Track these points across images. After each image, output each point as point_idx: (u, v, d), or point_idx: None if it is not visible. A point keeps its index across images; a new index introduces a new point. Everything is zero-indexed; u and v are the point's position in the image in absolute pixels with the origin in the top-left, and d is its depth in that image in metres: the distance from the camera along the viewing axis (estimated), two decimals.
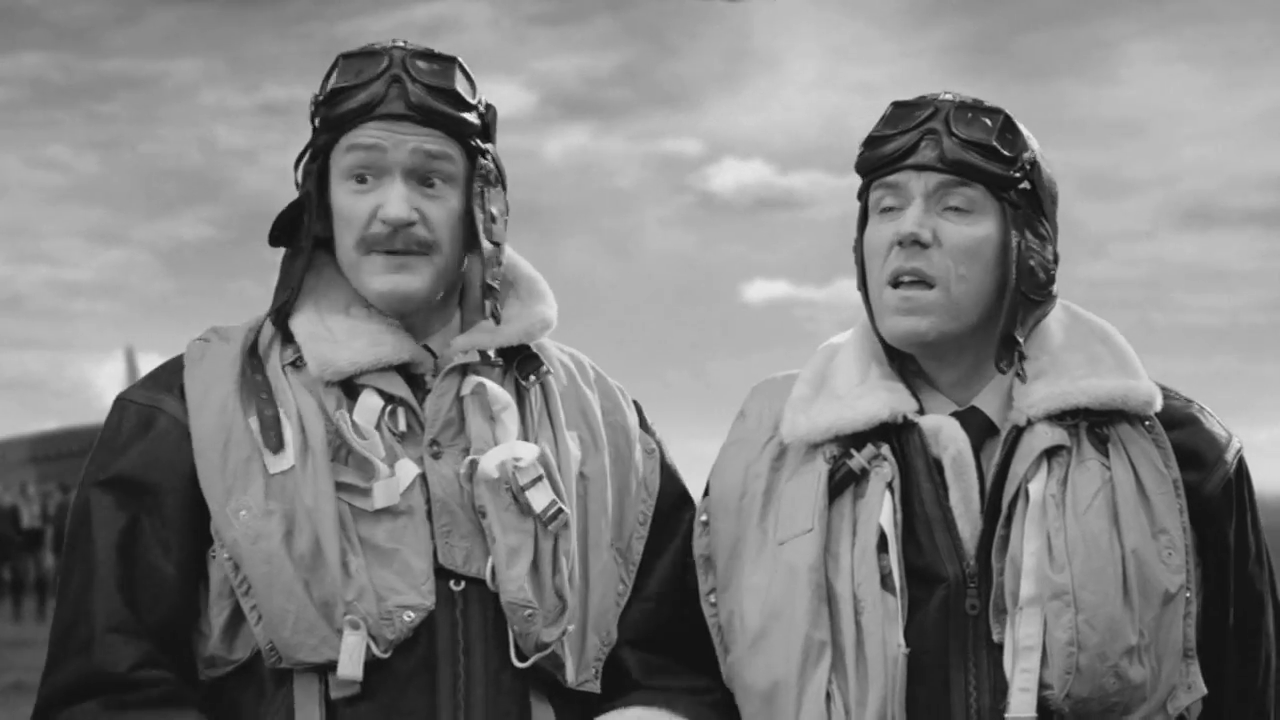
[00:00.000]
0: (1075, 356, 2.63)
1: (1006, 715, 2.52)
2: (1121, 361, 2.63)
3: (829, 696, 2.56)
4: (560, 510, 2.59)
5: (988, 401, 2.64)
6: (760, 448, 2.70)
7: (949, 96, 2.63)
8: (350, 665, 2.49)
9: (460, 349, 2.64)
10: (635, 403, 2.82)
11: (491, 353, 2.65)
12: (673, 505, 2.77)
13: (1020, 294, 2.59)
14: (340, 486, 2.53)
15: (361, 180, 2.58)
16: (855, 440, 2.63)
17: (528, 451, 2.60)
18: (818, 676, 2.57)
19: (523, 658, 2.58)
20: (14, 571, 26.87)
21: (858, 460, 2.61)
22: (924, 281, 2.59)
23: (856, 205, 2.69)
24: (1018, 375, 2.61)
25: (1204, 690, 2.59)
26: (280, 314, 2.62)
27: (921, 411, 2.64)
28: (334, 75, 2.60)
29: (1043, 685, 2.51)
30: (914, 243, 2.58)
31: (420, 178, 2.59)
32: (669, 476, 2.79)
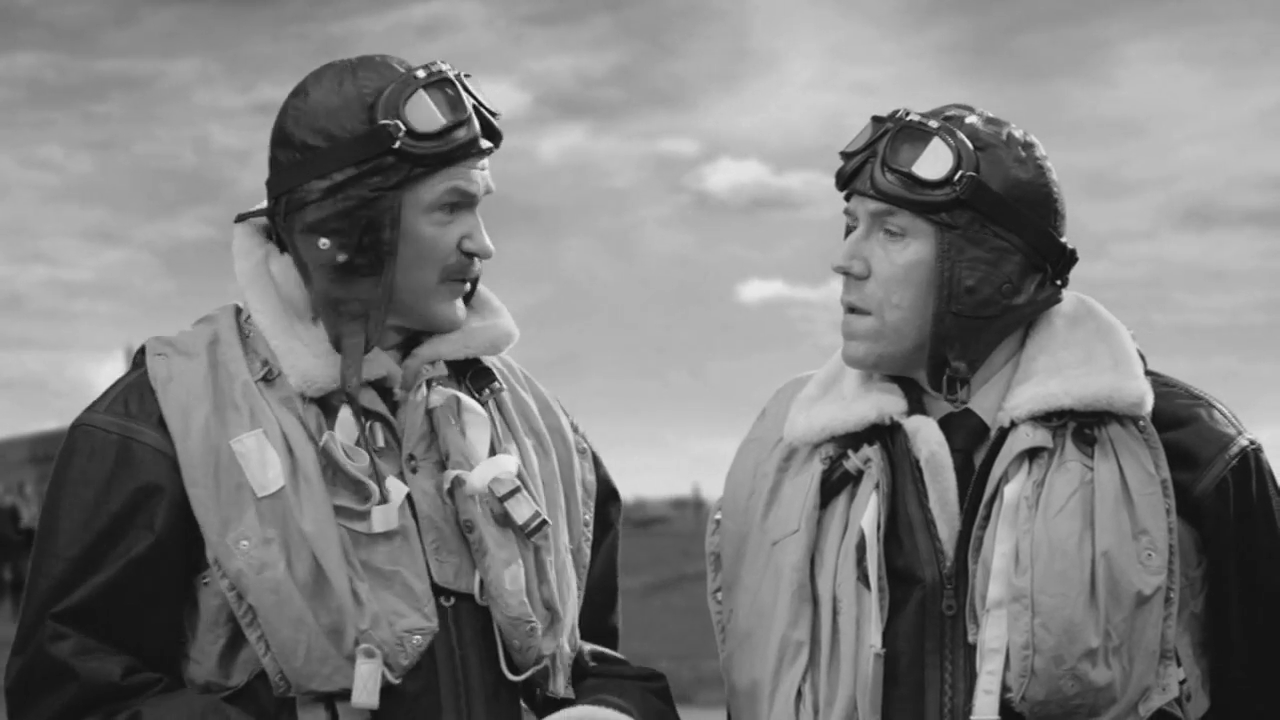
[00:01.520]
0: (1073, 355, 2.62)
1: (971, 717, 2.53)
2: (1118, 361, 2.62)
3: (799, 696, 2.58)
4: (544, 521, 2.60)
5: (982, 403, 2.64)
6: (771, 447, 2.73)
7: (903, 113, 2.64)
8: (366, 694, 2.47)
9: (425, 359, 2.62)
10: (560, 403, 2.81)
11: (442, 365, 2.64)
12: (602, 501, 2.79)
13: (953, 316, 2.59)
14: (337, 510, 2.50)
15: (447, 210, 2.56)
16: (853, 441, 2.64)
17: (512, 465, 2.60)
18: (791, 676, 2.59)
19: (515, 671, 2.59)
20: (14, 571, 26.89)
21: (853, 461, 2.63)
22: (860, 310, 2.62)
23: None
24: (949, 400, 2.62)
25: (1176, 692, 2.58)
26: (358, 349, 2.55)
27: (911, 413, 2.65)
28: (427, 108, 2.54)
29: (1005, 688, 2.52)
30: (845, 274, 2.62)
31: None
32: (601, 475, 2.80)
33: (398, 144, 2.51)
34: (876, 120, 2.65)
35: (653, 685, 2.77)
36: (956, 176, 2.58)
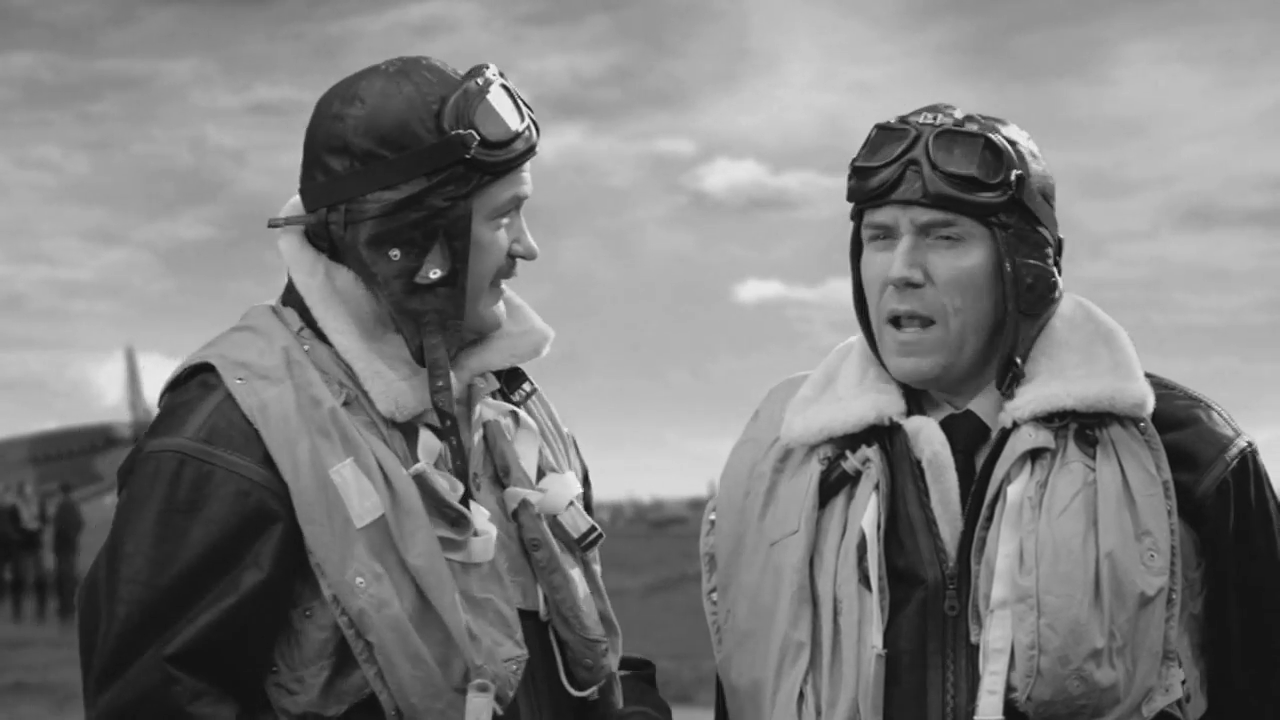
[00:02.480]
0: (1073, 357, 2.62)
1: (975, 717, 2.53)
2: (1118, 363, 2.62)
3: (801, 696, 2.58)
4: (600, 535, 2.61)
5: (982, 404, 2.64)
6: (767, 448, 2.72)
7: (930, 118, 2.62)
8: None
9: (475, 371, 2.60)
10: None
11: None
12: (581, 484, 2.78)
13: (1020, 315, 2.59)
14: (441, 543, 2.48)
15: (504, 216, 2.56)
16: (851, 442, 2.64)
17: (577, 484, 2.62)
18: (792, 676, 2.59)
19: (578, 687, 2.59)
20: (14, 571, 26.89)
21: (851, 462, 2.63)
22: (922, 318, 2.59)
23: (848, 206, 2.68)
24: (1006, 395, 2.61)
25: (1180, 693, 2.59)
26: (444, 361, 2.52)
27: (911, 413, 2.64)
28: (495, 117, 2.54)
29: (1009, 688, 2.52)
30: (906, 284, 2.58)
31: None
32: (581, 459, 2.79)
33: (471, 153, 2.50)
34: (887, 129, 2.62)
35: (646, 673, 2.78)
36: (1013, 176, 2.58)
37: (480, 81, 2.54)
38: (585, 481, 2.79)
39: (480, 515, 2.52)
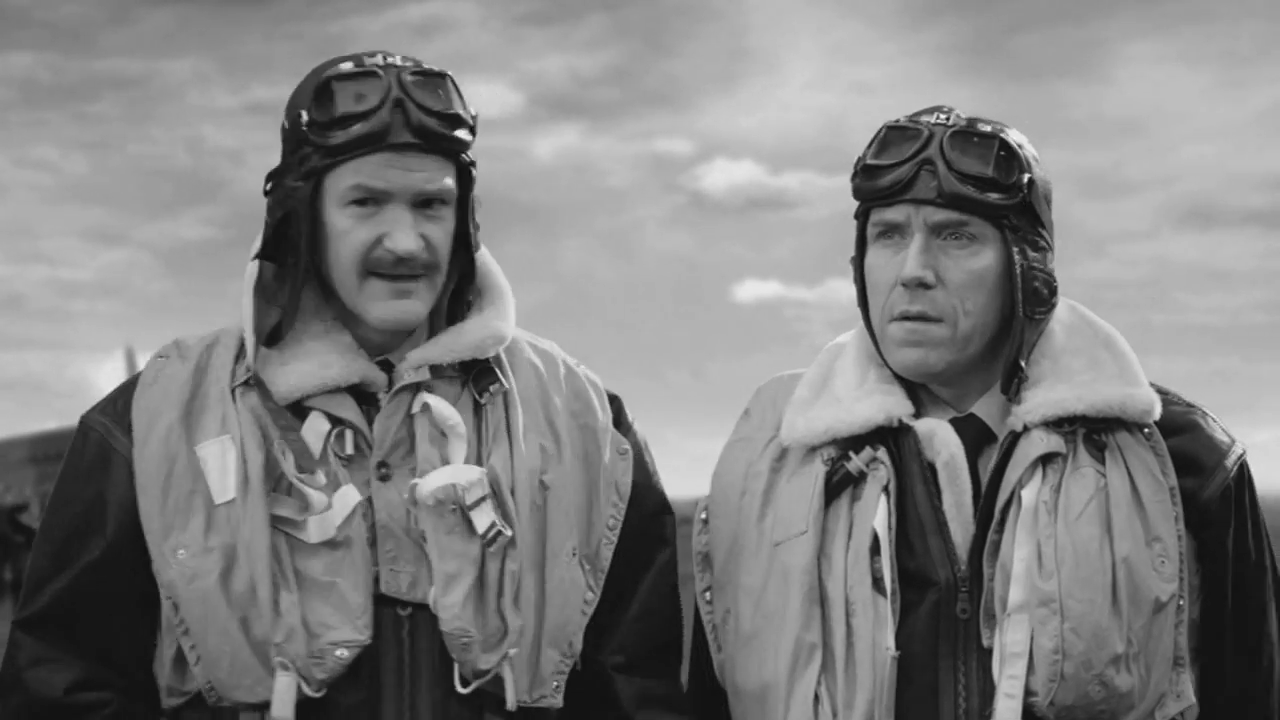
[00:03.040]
0: (1077, 362, 2.62)
1: None
2: (1123, 369, 2.63)
3: (817, 698, 2.56)
4: (500, 532, 2.55)
5: (986, 408, 2.63)
6: (762, 447, 2.70)
7: (942, 118, 2.60)
8: (281, 707, 2.47)
9: (412, 365, 2.58)
10: (615, 399, 2.74)
11: (439, 365, 2.60)
12: (653, 513, 2.72)
13: (1027, 319, 2.58)
14: (277, 519, 2.49)
15: (362, 204, 2.52)
16: (853, 443, 2.62)
17: (470, 474, 2.55)
18: (807, 678, 2.57)
19: (466, 683, 2.55)
20: (14, 571, 26.88)
21: (855, 463, 2.61)
22: (931, 319, 2.58)
23: (847, 205, 2.67)
24: (1012, 399, 2.60)
25: (1192, 699, 2.59)
26: (273, 336, 2.55)
27: (918, 415, 2.64)
28: (331, 97, 2.50)
29: (1029, 692, 2.51)
30: (919, 285, 2.57)
31: (421, 204, 2.54)
32: (646, 481, 2.72)
33: (300, 131, 2.51)
34: (898, 128, 2.61)
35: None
36: (1025, 179, 2.58)
37: (346, 66, 2.53)
38: (663, 510, 2.73)
39: (343, 500, 2.51)
